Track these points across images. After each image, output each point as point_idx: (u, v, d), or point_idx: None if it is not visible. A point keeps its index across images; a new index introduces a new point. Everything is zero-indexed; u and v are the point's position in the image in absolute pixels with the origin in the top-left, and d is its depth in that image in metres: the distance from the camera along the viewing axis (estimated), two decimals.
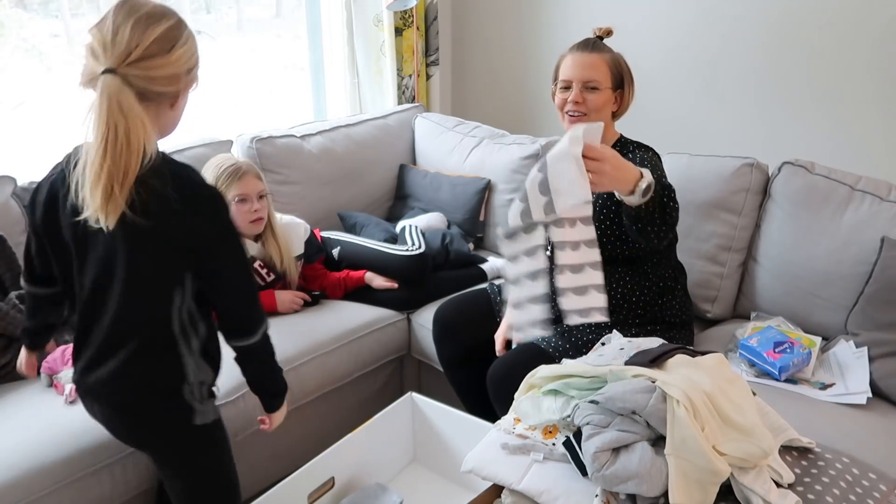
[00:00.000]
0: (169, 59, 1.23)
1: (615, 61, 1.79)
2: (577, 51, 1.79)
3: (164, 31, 1.22)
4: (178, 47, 1.24)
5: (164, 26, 1.22)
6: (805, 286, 1.98)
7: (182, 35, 1.26)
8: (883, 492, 1.21)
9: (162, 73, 1.23)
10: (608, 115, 1.81)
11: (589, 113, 1.77)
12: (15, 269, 1.92)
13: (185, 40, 1.27)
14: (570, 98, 1.77)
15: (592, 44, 1.79)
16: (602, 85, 1.75)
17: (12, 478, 1.51)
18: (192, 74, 1.33)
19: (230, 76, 2.96)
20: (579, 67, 1.76)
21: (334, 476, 1.73)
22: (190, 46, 1.29)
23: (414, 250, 2.29)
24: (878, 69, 2.39)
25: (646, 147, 1.85)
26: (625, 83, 1.80)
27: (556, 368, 1.37)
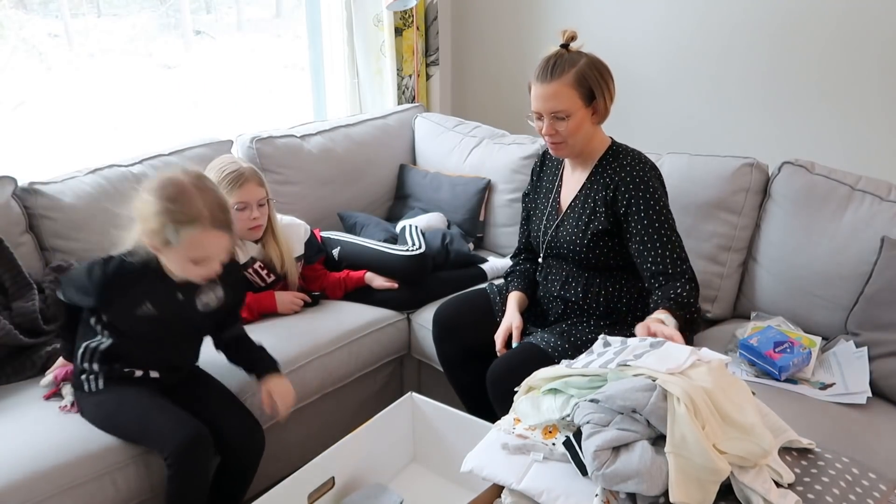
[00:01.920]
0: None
1: (579, 77, 1.70)
2: (539, 81, 1.73)
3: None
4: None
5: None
6: (805, 286, 1.98)
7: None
8: (883, 492, 1.21)
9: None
10: (589, 130, 1.77)
11: (566, 140, 1.75)
12: (14, 270, 1.92)
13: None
14: (544, 131, 1.76)
15: (552, 67, 1.71)
16: (571, 110, 1.71)
17: (14, 481, 1.50)
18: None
19: (230, 76, 2.97)
20: (543, 100, 1.72)
21: (334, 476, 1.73)
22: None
23: (414, 250, 2.29)
24: (878, 69, 2.39)
25: (641, 160, 1.80)
26: (596, 93, 1.72)
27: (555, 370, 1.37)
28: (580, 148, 1.80)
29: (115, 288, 1.56)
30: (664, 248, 1.71)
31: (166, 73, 2.79)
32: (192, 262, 1.50)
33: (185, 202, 1.46)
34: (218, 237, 1.49)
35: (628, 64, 2.92)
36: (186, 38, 2.86)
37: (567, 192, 1.89)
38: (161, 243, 1.48)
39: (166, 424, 1.59)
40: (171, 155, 2.32)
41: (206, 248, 1.49)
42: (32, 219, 2.04)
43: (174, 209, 1.45)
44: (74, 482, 1.57)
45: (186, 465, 1.57)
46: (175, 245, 1.46)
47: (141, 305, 1.58)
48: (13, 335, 1.83)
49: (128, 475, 1.65)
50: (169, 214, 1.45)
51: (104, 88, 2.59)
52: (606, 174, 1.79)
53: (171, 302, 1.60)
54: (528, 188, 2.04)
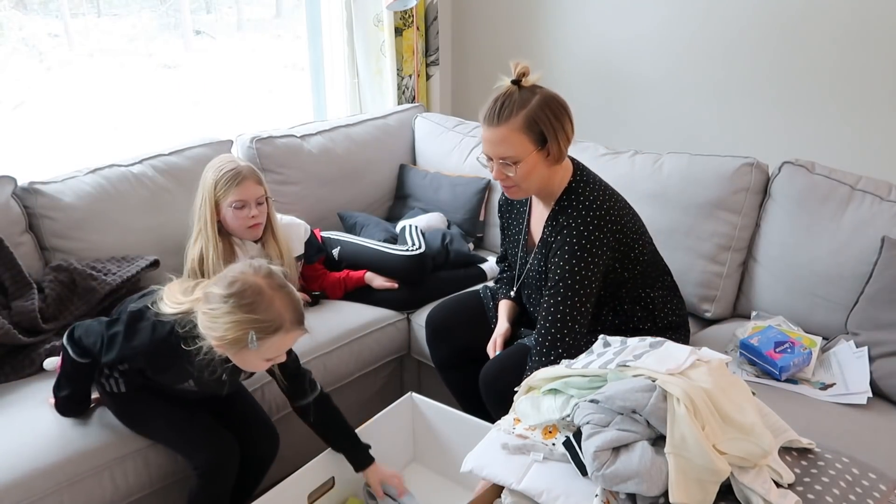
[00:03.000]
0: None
1: (529, 120, 1.57)
2: (485, 124, 1.61)
3: None
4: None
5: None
6: (805, 286, 1.98)
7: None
8: (883, 492, 1.21)
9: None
10: (544, 173, 1.65)
11: (518, 184, 1.65)
12: (14, 270, 1.92)
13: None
14: (494, 176, 1.66)
15: (500, 110, 1.58)
16: (520, 156, 1.59)
17: (13, 479, 1.50)
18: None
19: (230, 76, 2.97)
20: (491, 144, 1.62)
21: (334, 476, 1.73)
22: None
23: (414, 250, 2.29)
24: (879, 69, 2.39)
25: (591, 211, 1.64)
26: (548, 136, 1.59)
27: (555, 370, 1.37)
28: (536, 189, 1.70)
29: (164, 357, 1.50)
30: (553, 325, 1.64)
31: (166, 73, 2.79)
32: (265, 361, 1.46)
33: (268, 310, 1.38)
34: (296, 336, 1.45)
35: (629, 64, 2.92)
36: (186, 38, 2.86)
37: (535, 229, 1.82)
38: (237, 350, 1.41)
39: (200, 435, 1.63)
40: (171, 155, 2.32)
41: (284, 347, 1.46)
42: (32, 219, 2.04)
43: (258, 318, 1.37)
44: (73, 478, 1.58)
45: (216, 477, 1.62)
46: (253, 349, 1.39)
47: (184, 381, 1.57)
48: (12, 334, 1.83)
49: (126, 471, 1.65)
50: (252, 324, 1.37)
51: (104, 88, 2.59)
52: (558, 225, 1.69)
53: (216, 383, 1.57)
54: (502, 198, 1.93)
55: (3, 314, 1.87)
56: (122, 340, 1.49)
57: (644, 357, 1.30)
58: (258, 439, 1.74)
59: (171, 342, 1.46)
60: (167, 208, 2.23)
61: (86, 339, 1.54)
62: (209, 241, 1.96)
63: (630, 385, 1.21)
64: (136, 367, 1.57)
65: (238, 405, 1.77)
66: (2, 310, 1.88)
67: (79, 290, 1.99)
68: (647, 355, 1.31)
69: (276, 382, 1.70)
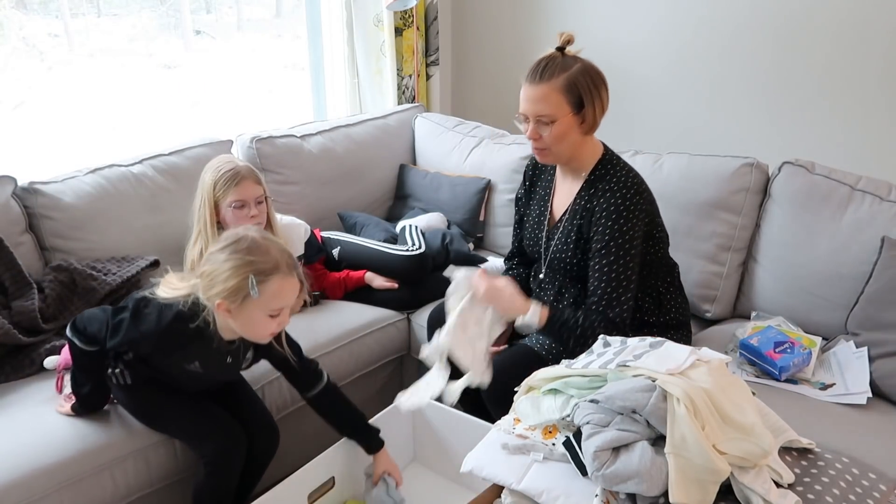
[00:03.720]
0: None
1: (569, 83, 1.62)
2: (527, 82, 1.66)
3: None
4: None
5: None
6: (805, 286, 1.98)
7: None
8: (883, 492, 1.21)
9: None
10: (576, 139, 1.69)
11: (550, 147, 1.68)
12: (14, 270, 1.92)
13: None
14: (528, 134, 1.70)
15: (543, 69, 1.64)
16: (556, 116, 1.63)
17: (14, 478, 1.50)
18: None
19: (230, 76, 2.97)
20: (529, 102, 1.66)
21: (334, 476, 1.73)
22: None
23: (414, 250, 2.29)
24: (879, 69, 2.39)
25: (627, 183, 1.69)
26: (586, 101, 1.64)
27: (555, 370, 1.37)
28: (566, 156, 1.73)
29: (171, 338, 1.51)
30: (609, 283, 1.67)
31: (166, 73, 2.79)
32: (269, 317, 1.47)
33: (263, 253, 1.44)
34: (294, 284, 1.48)
35: (629, 64, 2.92)
36: (186, 38, 2.86)
37: (559, 202, 1.84)
38: (240, 301, 1.43)
39: (209, 424, 1.65)
40: (171, 155, 2.32)
41: (285, 296, 1.47)
42: (32, 218, 2.04)
43: (256, 260, 1.43)
44: (73, 478, 1.58)
45: (224, 467, 1.63)
46: (256, 297, 1.42)
47: (191, 363, 1.58)
48: (12, 334, 1.83)
49: (126, 470, 1.66)
50: (251, 266, 1.42)
51: (104, 88, 2.59)
52: (592, 194, 1.73)
53: (220, 365, 1.61)
54: (520, 192, 1.99)
55: (3, 314, 1.87)
56: (129, 325, 1.51)
57: (644, 357, 1.30)
58: (258, 433, 1.74)
59: (177, 323, 1.49)
60: (167, 208, 2.23)
61: (90, 326, 1.56)
62: (209, 241, 1.95)
63: (630, 385, 1.21)
64: (142, 352, 1.58)
65: (238, 399, 1.78)
66: (2, 310, 1.88)
67: (79, 290, 1.99)
68: (647, 355, 1.31)
69: (284, 375, 1.72)
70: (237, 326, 1.49)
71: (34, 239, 2.04)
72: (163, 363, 1.60)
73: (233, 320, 1.47)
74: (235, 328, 1.49)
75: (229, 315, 1.46)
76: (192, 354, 1.56)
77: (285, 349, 1.66)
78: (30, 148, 2.43)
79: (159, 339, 1.51)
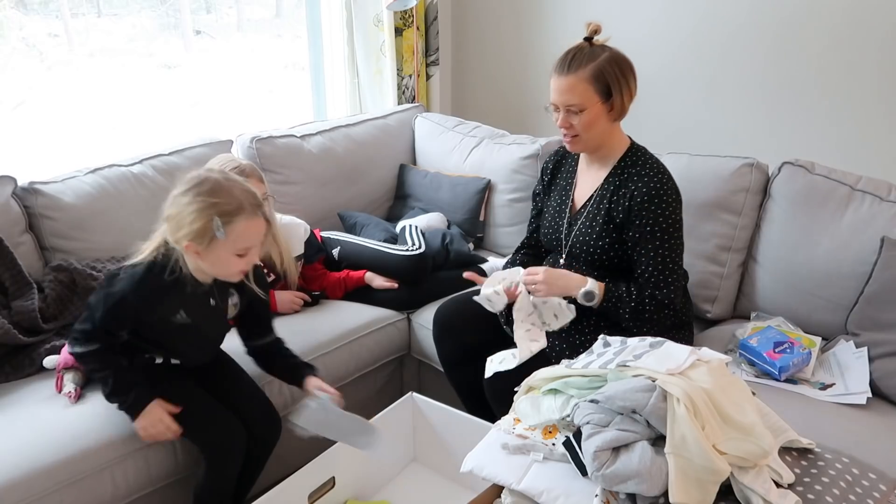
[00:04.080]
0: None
1: (597, 73, 1.68)
2: (555, 73, 1.72)
3: None
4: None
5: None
6: (805, 286, 1.98)
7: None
8: (883, 492, 1.21)
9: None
10: (605, 127, 1.75)
11: (580, 134, 1.74)
12: (14, 270, 1.92)
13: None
14: (558, 123, 1.75)
15: (570, 60, 1.69)
16: (585, 105, 1.69)
17: (14, 478, 1.51)
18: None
19: (230, 76, 2.97)
20: (558, 92, 1.71)
21: (334, 476, 1.73)
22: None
23: (414, 250, 2.29)
24: (879, 69, 2.39)
25: (660, 171, 1.75)
26: (613, 90, 1.70)
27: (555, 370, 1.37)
28: (595, 143, 1.78)
29: (148, 291, 1.53)
30: (656, 266, 1.72)
31: (166, 73, 2.79)
32: (237, 256, 1.51)
33: (226, 194, 1.47)
34: (259, 224, 1.52)
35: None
36: (186, 38, 2.87)
37: (582, 192, 1.88)
38: (206, 242, 1.47)
39: (207, 420, 1.66)
40: (171, 155, 2.32)
41: (250, 237, 1.51)
42: (32, 218, 2.04)
43: (219, 202, 1.46)
44: (73, 478, 1.58)
45: (224, 460, 1.64)
46: (222, 239, 1.46)
47: (176, 313, 1.59)
48: (12, 334, 1.83)
49: (126, 470, 1.66)
50: (215, 208, 1.45)
51: (104, 88, 2.59)
52: (624, 179, 1.77)
53: (205, 308, 1.62)
54: (538, 187, 2.03)
55: (3, 314, 1.87)
56: (106, 295, 1.54)
57: (644, 357, 1.31)
58: (259, 420, 1.75)
59: (150, 274, 1.53)
60: None
61: (80, 325, 1.58)
62: None
63: (630, 385, 1.21)
64: (128, 318, 1.56)
65: (239, 388, 1.79)
66: (2, 310, 1.89)
67: (79, 290, 1.99)
68: (647, 355, 1.31)
69: (242, 322, 1.76)
70: (207, 267, 1.53)
71: (34, 239, 2.04)
72: (154, 328, 1.59)
73: (202, 261, 1.51)
74: (206, 269, 1.54)
75: (198, 256, 1.50)
76: (175, 303, 1.57)
77: (254, 287, 1.68)
78: (30, 148, 2.43)
79: (136, 294, 1.52)
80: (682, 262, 1.78)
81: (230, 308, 1.69)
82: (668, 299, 1.72)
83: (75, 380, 1.75)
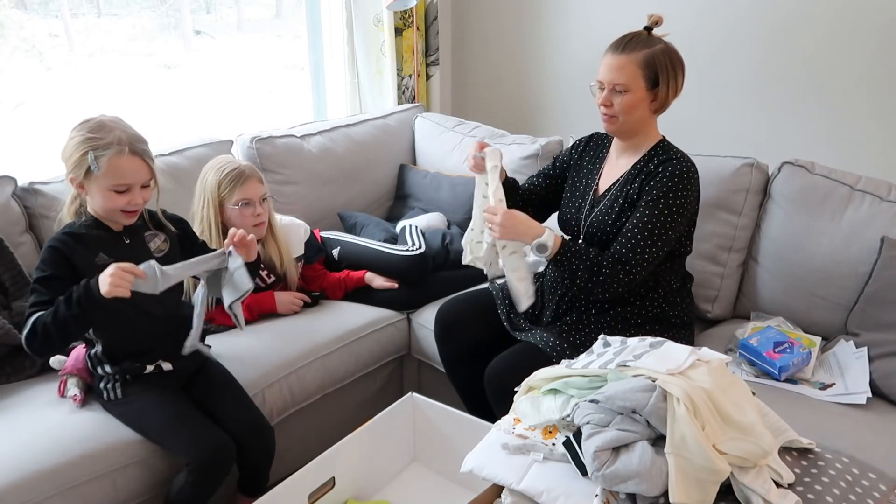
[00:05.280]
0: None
1: (649, 59, 1.70)
2: (609, 51, 1.74)
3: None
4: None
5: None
6: (805, 286, 1.98)
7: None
8: (883, 492, 1.21)
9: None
10: (644, 115, 1.76)
11: (618, 115, 1.74)
12: (14, 270, 1.92)
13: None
14: (600, 100, 1.76)
15: (626, 42, 1.72)
16: (630, 87, 1.70)
17: (15, 480, 1.50)
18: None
19: (230, 76, 2.97)
20: (607, 69, 1.73)
21: (334, 476, 1.73)
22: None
23: (414, 250, 2.29)
24: (879, 69, 2.39)
25: (685, 163, 1.76)
26: (661, 80, 1.72)
27: (555, 370, 1.37)
28: (630, 129, 1.78)
29: (71, 236, 1.60)
30: (634, 234, 1.70)
31: (166, 73, 2.79)
32: (115, 192, 1.56)
33: (105, 131, 1.55)
34: (135, 162, 1.57)
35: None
36: (186, 38, 2.87)
37: (607, 178, 1.88)
38: (84, 176, 1.55)
39: (192, 433, 1.63)
40: (172, 155, 2.32)
41: (125, 173, 1.55)
42: (32, 219, 2.04)
43: (94, 137, 1.54)
44: (74, 482, 1.57)
45: (208, 475, 1.62)
46: (97, 173, 1.53)
47: (96, 255, 1.61)
48: (13, 334, 1.83)
49: (128, 476, 1.65)
50: (90, 142, 1.53)
51: (104, 88, 2.59)
52: (655, 164, 1.77)
53: (121, 247, 1.64)
54: (564, 156, 2.01)
55: (3, 314, 1.87)
56: (39, 261, 1.59)
57: (644, 357, 1.31)
58: (250, 435, 1.73)
59: (67, 229, 1.62)
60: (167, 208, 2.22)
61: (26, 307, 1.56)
62: (212, 242, 1.95)
63: (630, 385, 1.21)
64: (57, 260, 1.57)
65: (227, 403, 1.77)
66: (2, 310, 1.88)
67: None
68: (647, 355, 1.31)
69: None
70: (96, 204, 1.60)
71: (34, 239, 2.04)
72: (87, 274, 1.51)
73: (89, 198, 1.59)
74: (96, 206, 1.60)
75: (84, 191, 1.58)
76: (93, 245, 1.61)
77: (169, 226, 1.74)
78: (30, 148, 2.43)
79: (58, 239, 1.59)
80: (663, 248, 1.73)
81: (158, 247, 1.71)
82: (633, 272, 1.69)
83: (79, 385, 1.74)
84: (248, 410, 1.78)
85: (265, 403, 1.90)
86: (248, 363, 1.91)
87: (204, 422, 1.67)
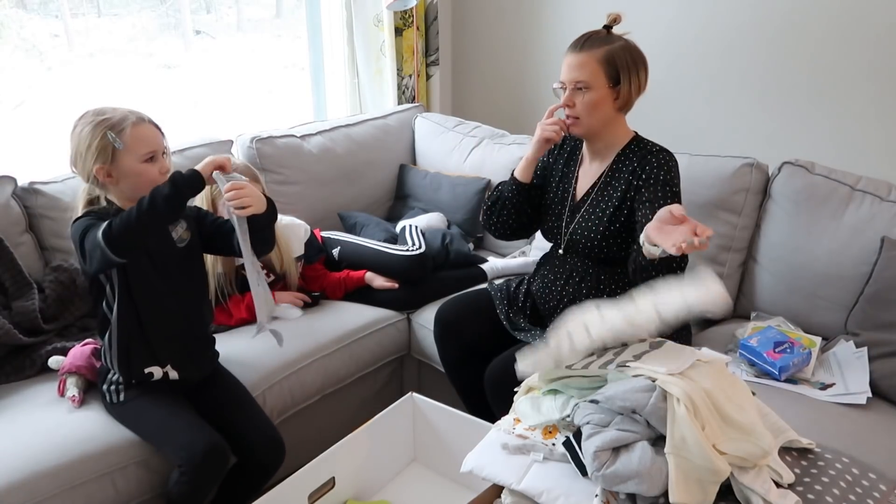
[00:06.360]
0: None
1: (609, 56, 1.70)
2: (569, 51, 1.74)
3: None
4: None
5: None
6: (805, 286, 1.98)
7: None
8: (883, 492, 1.21)
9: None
10: (608, 114, 1.75)
11: (581, 116, 1.73)
12: (14, 270, 1.92)
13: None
14: (563, 101, 1.75)
15: (585, 40, 1.73)
16: (592, 84, 1.70)
17: (15, 480, 1.50)
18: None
19: (230, 76, 2.97)
20: (568, 68, 1.73)
21: (334, 476, 1.73)
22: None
23: (414, 250, 2.29)
24: (879, 69, 2.39)
25: (665, 151, 1.77)
26: (622, 77, 1.71)
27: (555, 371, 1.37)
28: (596, 129, 1.77)
29: (98, 220, 1.53)
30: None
31: (166, 73, 2.79)
32: (145, 162, 1.55)
33: (109, 112, 1.56)
34: (152, 128, 1.59)
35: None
36: (186, 38, 2.87)
37: (583, 184, 1.87)
38: (110, 157, 1.53)
39: (183, 433, 1.62)
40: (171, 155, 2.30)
41: (147, 139, 1.56)
42: (32, 219, 2.04)
43: (105, 118, 1.54)
44: (74, 482, 1.57)
45: (200, 476, 1.60)
46: (121, 149, 1.52)
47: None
48: (12, 334, 1.83)
49: (128, 476, 1.65)
50: (103, 124, 1.53)
51: (104, 88, 2.59)
52: (628, 164, 1.77)
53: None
54: (540, 163, 1.95)
55: (3, 314, 1.87)
56: (80, 230, 1.53)
57: (644, 357, 1.31)
58: (261, 446, 1.72)
59: (90, 209, 1.58)
60: None
61: (91, 246, 1.51)
62: None
63: (630, 385, 1.21)
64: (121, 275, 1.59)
65: (237, 413, 1.76)
66: (2, 310, 1.88)
67: (79, 290, 1.99)
68: (647, 355, 1.31)
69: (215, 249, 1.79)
70: (127, 188, 1.56)
71: (34, 239, 2.04)
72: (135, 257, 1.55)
73: (120, 183, 1.56)
74: (127, 190, 1.57)
75: (112, 179, 1.55)
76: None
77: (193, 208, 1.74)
78: (30, 148, 2.43)
79: (92, 215, 1.56)
80: None
81: (180, 236, 1.67)
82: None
83: (78, 384, 1.74)
84: (268, 427, 1.77)
85: (266, 404, 1.89)
86: (249, 364, 1.91)
87: (197, 422, 1.65)
